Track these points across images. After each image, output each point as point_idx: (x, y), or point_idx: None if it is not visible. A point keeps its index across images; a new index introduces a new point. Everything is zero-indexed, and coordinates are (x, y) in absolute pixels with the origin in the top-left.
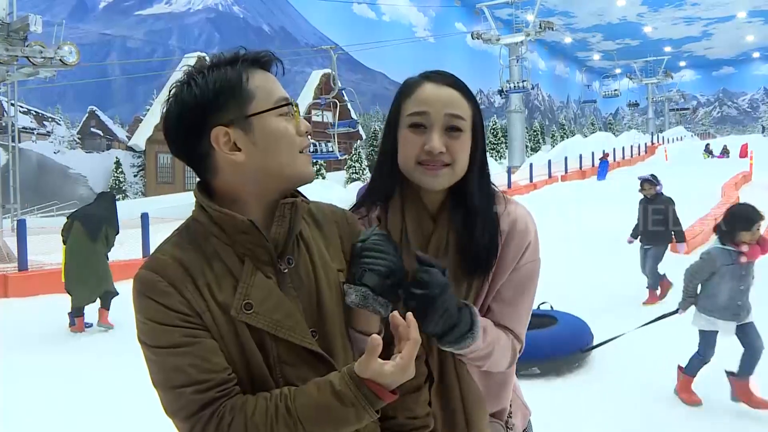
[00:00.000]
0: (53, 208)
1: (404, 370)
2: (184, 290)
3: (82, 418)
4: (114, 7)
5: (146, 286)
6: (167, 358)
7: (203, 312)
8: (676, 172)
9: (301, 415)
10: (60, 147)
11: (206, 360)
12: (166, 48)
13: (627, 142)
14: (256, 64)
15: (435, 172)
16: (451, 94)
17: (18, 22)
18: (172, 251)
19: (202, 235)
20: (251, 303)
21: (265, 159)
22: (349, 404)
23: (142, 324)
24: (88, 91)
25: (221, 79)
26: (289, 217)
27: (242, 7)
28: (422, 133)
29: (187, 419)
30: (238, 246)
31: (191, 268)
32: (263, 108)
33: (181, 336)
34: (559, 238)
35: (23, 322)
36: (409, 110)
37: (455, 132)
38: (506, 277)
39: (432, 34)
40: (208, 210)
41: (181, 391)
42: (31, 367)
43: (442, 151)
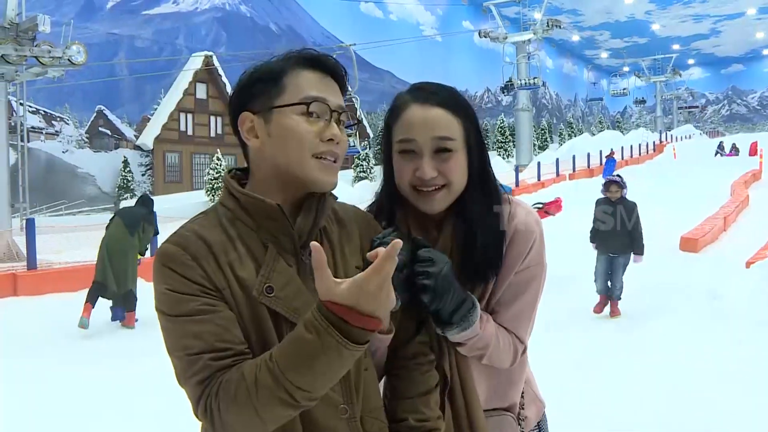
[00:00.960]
0: (62, 207)
1: (362, 287)
2: (206, 265)
3: (90, 417)
4: (121, 6)
5: (168, 257)
6: (186, 325)
7: (224, 288)
8: (684, 170)
9: (278, 356)
10: (68, 146)
11: (226, 329)
12: (174, 47)
13: (635, 141)
14: (308, 65)
15: (430, 198)
16: (437, 115)
17: (27, 23)
18: (197, 229)
19: (228, 218)
20: (272, 287)
21: (276, 153)
22: (314, 331)
23: (161, 294)
24: (96, 91)
25: (265, 70)
26: (315, 210)
27: (249, 6)
28: (412, 159)
29: (199, 384)
30: (263, 232)
31: (214, 246)
32: (287, 102)
33: (201, 305)
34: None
35: (32, 321)
36: (398, 137)
37: (445, 153)
38: (509, 280)
39: (439, 32)
40: (236, 195)
41: (198, 357)
42: (39, 366)
43: (434, 176)
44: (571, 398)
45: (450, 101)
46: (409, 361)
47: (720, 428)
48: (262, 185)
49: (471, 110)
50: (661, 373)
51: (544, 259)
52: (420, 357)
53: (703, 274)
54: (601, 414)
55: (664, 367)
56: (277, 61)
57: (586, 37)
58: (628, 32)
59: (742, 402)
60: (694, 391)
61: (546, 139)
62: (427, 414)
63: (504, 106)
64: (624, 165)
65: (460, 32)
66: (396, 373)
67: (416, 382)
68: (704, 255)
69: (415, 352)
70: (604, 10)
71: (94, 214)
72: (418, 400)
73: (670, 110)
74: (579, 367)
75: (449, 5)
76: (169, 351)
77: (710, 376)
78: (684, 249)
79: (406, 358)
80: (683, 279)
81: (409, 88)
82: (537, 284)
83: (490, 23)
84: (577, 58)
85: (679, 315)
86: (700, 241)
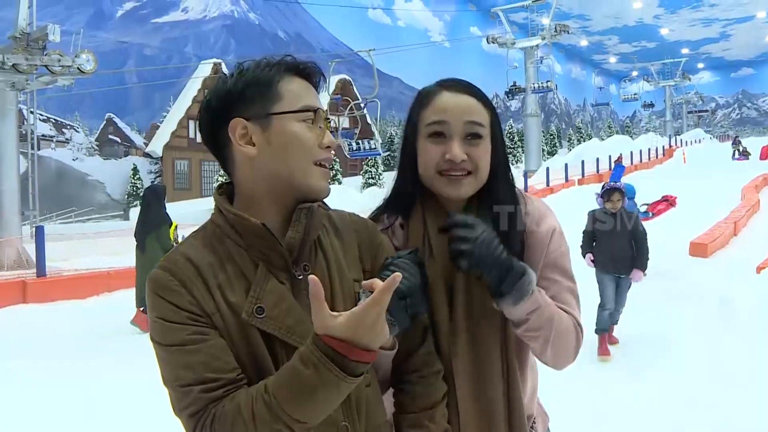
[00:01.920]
0: (71, 214)
1: (359, 320)
2: (194, 290)
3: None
4: (131, 15)
5: (157, 284)
6: (177, 355)
7: (213, 313)
8: (694, 174)
9: (274, 389)
10: (78, 154)
11: (216, 358)
12: (183, 55)
13: (644, 145)
14: (295, 72)
15: (457, 182)
16: (468, 101)
17: (37, 32)
18: (186, 251)
19: (217, 237)
20: (263, 307)
21: (277, 160)
22: (311, 365)
23: (153, 323)
24: (105, 99)
25: (254, 76)
26: (305, 223)
27: (258, 13)
28: (442, 142)
29: (191, 417)
30: (252, 250)
31: (203, 268)
32: (287, 110)
33: (191, 334)
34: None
35: (41, 328)
36: (428, 120)
37: (475, 139)
38: (538, 273)
39: (447, 38)
40: (224, 212)
41: (189, 389)
42: (48, 372)
43: (464, 158)
44: (577, 405)
45: (479, 92)
46: (412, 374)
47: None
48: (251, 198)
49: (493, 106)
50: (669, 380)
51: (565, 241)
52: (423, 369)
53: (713, 280)
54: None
55: (672, 375)
56: (265, 67)
57: (595, 41)
58: (637, 37)
59: (753, 409)
60: (703, 398)
61: (555, 145)
62: (431, 428)
63: (513, 111)
64: (633, 170)
65: (468, 38)
66: (400, 388)
67: (419, 396)
68: (714, 260)
69: (418, 366)
70: (613, 15)
71: (104, 221)
72: (421, 415)
73: (679, 114)
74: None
75: (457, 11)
76: (163, 381)
77: (720, 383)
78: (693, 254)
79: (409, 371)
80: (692, 284)
81: (436, 82)
82: (567, 261)
83: (498, 29)
84: (585, 63)
85: (688, 321)
86: (710, 246)
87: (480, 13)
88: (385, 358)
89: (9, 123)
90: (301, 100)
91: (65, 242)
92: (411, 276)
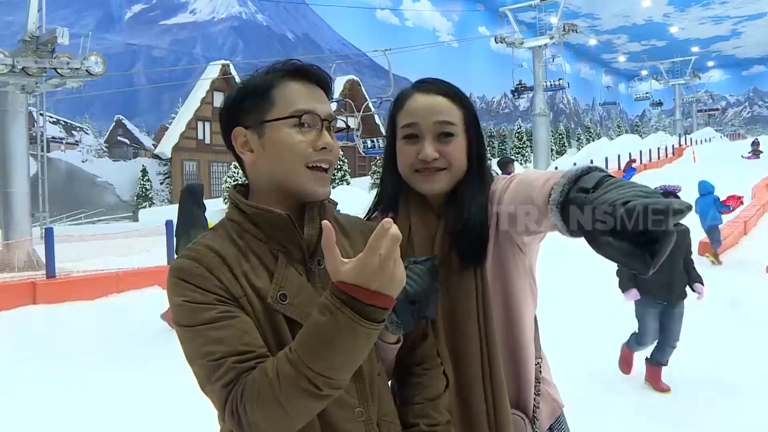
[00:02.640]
0: (81, 216)
1: (364, 265)
2: (221, 276)
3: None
4: (139, 17)
5: (183, 272)
6: (207, 332)
7: (240, 297)
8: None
9: (296, 345)
10: (88, 156)
11: (246, 333)
12: (191, 57)
13: (654, 144)
14: (293, 76)
15: (431, 178)
16: (439, 102)
17: (46, 35)
18: (208, 243)
19: (236, 232)
20: (285, 294)
21: (272, 165)
22: (327, 312)
23: (178, 307)
24: (114, 101)
25: (253, 85)
26: (318, 219)
27: (266, 15)
28: (416, 142)
29: (224, 387)
30: (272, 243)
31: (228, 257)
32: (278, 116)
33: (220, 312)
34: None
35: (51, 329)
36: (402, 122)
37: (447, 137)
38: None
39: (455, 38)
40: (244, 207)
41: (223, 361)
42: (58, 372)
43: (435, 157)
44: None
45: (450, 91)
46: (416, 367)
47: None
48: (264, 197)
49: (469, 101)
50: (678, 382)
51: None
52: (428, 362)
53: (723, 280)
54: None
55: (681, 377)
56: (264, 74)
57: (604, 41)
58: (646, 35)
59: (761, 411)
60: (712, 400)
61: (564, 144)
62: (437, 418)
63: (521, 111)
64: (643, 169)
65: (476, 38)
66: (405, 380)
67: (425, 387)
68: (724, 260)
69: (423, 358)
70: (622, 14)
71: (114, 223)
72: (428, 405)
73: (689, 113)
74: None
75: (465, 11)
76: (190, 361)
77: (729, 385)
78: (703, 254)
79: (414, 364)
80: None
81: (413, 83)
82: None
83: (506, 28)
84: (594, 62)
85: (695, 321)
86: (721, 247)
87: (488, 13)
88: (389, 351)
89: (19, 125)
90: (294, 104)
91: (75, 243)
92: (422, 282)
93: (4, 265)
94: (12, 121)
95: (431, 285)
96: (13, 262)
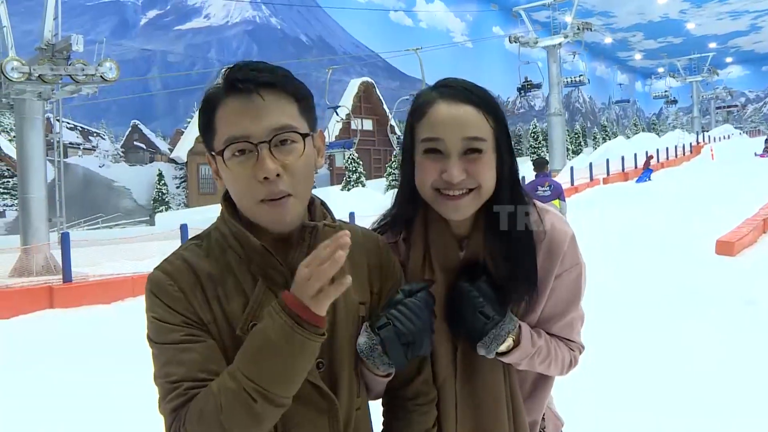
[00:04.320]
0: (98, 220)
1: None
2: (193, 298)
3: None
4: (154, 23)
5: (157, 287)
6: (171, 352)
7: (209, 322)
8: (722, 171)
9: (238, 355)
10: (104, 161)
11: (208, 359)
12: (206, 61)
13: (671, 143)
14: (229, 90)
15: (457, 203)
16: (466, 113)
17: (62, 43)
18: (188, 257)
19: (220, 246)
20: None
21: (235, 200)
22: (269, 317)
23: (149, 321)
24: (130, 106)
25: (202, 106)
26: (308, 242)
27: (279, 18)
28: (439, 159)
29: (173, 411)
30: (253, 265)
31: (203, 278)
32: (216, 149)
33: (185, 335)
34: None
35: (67, 333)
36: (423, 135)
37: (475, 154)
38: (548, 290)
39: (469, 38)
40: (228, 224)
41: (178, 385)
42: (74, 376)
43: (462, 178)
44: (594, 405)
45: (480, 99)
46: (408, 401)
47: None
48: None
49: (501, 110)
50: (693, 382)
51: (581, 258)
52: (420, 398)
53: (739, 279)
54: (626, 424)
55: (696, 377)
56: (211, 92)
57: (619, 39)
58: (662, 32)
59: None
60: (726, 401)
61: (580, 144)
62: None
63: (537, 110)
64: (660, 167)
65: (490, 38)
66: (394, 413)
67: (415, 423)
68: (741, 259)
69: (416, 393)
70: (637, 11)
71: (130, 227)
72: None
73: (707, 110)
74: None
75: (479, 11)
76: (153, 376)
77: (744, 387)
78: (720, 252)
79: (406, 398)
80: (717, 284)
81: (434, 85)
82: (580, 285)
83: (520, 28)
84: (610, 61)
85: (711, 321)
86: (737, 245)
87: (502, 13)
88: (378, 383)
89: (36, 132)
90: (228, 129)
91: (92, 248)
92: (417, 319)
93: (22, 269)
94: (29, 127)
95: (427, 322)
96: (31, 267)
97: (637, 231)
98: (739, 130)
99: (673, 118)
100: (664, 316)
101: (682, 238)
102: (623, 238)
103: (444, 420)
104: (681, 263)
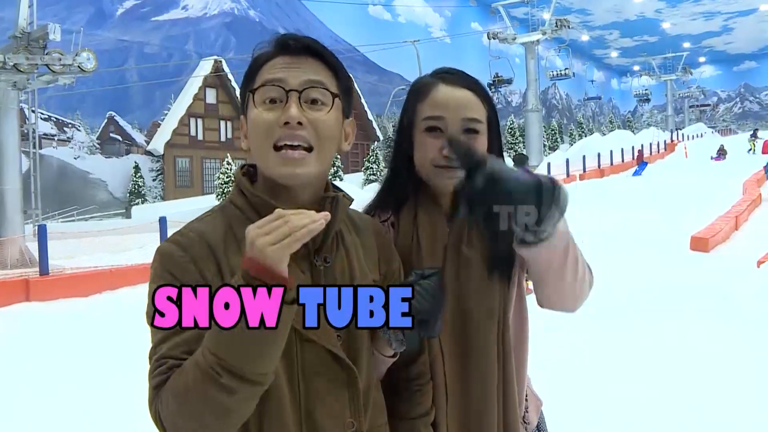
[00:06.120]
0: (74, 212)
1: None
2: (205, 270)
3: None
4: (131, 13)
5: (167, 258)
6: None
7: None
8: (696, 169)
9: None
10: (80, 152)
11: (203, 336)
12: (183, 53)
13: (646, 140)
14: (278, 50)
15: (455, 173)
16: (466, 96)
17: (38, 31)
18: (201, 228)
19: (237, 219)
20: None
21: (252, 150)
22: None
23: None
24: (106, 97)
25: (252, 64)
26: (330, 212)
27: (258, 10)
28: (439, 136)
29: (155, 388)
30: None
31: (218, 249)
32: (252, 88)
33: None
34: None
35: (44, 326)
36: (425, 114)
37: (472, 134)
38: None
39: (448, 34)
40: (247, 194)
41: (163, 362)
42: (52, 370)
43: None
44: (571, 400)
45: (477, 86)
46: (411, 382)
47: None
48: (269, 184)
49: (491, 97)
50: (667, 375)
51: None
52: (422, 378)
53: (713, 275)
54: (603, 416)
55: (671, 370)
56: (263, 49)
57: (596, 36)
58: (638, 31)
59: (752, 405)
60: (701, 394)
61: (556, 140)
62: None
63: (514, 107)
64: (635, 164)
65: (468, 33)
66: (397, 393)
67: (418, 403)
68: (715, 255)
69: (418, 373)
70: (614, 9)
71: (106, 220)
72: (419, 421)
73: (681, 109)
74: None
75: (457, 7)
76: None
77: (718, 379)
78: (694, 249)
79: (409, 379)
80: (692, 279)
81: (432, 72)
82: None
83: (498, 24)
84: (586, 58)
85: (687, 316)
86: (711, 241)
87: (480, 9)
88: (383, 364)
89: (11, 122)
90: (268, 75)
91: (68, 241)
92: (433, 301)
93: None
94: (3, 117)
95: (439, 302)
96: (5, 260)
97: (613, 227)
98: (712, 129)
99: (647, 116)
100: (642, 312)
101: (657, 234)
102: (599, 234)
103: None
104: (657, 259)
